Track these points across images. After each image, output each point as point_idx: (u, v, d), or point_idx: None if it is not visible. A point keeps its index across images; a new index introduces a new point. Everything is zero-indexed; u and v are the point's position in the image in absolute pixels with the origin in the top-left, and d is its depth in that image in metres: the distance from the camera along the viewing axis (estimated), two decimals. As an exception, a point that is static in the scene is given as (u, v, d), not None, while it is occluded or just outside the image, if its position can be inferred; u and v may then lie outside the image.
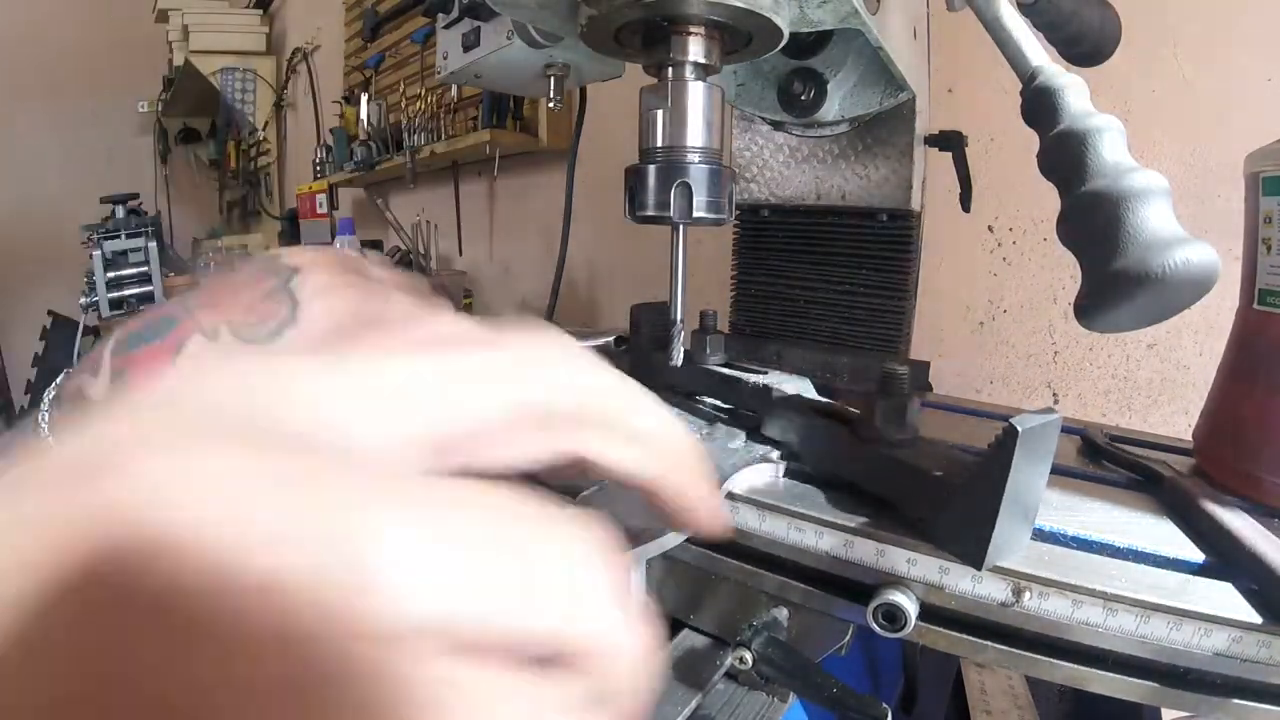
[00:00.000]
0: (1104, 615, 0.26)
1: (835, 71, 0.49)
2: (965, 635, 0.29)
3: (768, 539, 0.33)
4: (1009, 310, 0.83)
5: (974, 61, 0.80)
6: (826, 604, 0.32)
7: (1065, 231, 0.29)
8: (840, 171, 0.59)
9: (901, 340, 0.59)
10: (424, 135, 1.68)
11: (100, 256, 1.71)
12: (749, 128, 0.62)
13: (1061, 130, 0.29)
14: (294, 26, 2.67)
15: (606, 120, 0.95)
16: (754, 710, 0.35)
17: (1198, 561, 0.29)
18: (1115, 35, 0.47)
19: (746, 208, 0.65)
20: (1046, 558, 0.28)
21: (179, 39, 2.67)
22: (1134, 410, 0.75)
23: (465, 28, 0.61)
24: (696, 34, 0.33)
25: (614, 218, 0.46)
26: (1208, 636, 0.25)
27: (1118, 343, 0.75)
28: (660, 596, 0.39)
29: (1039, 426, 0.25)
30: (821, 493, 0.34)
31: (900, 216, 0.57)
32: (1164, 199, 0.26)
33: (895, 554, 0.30)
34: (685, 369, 0.49)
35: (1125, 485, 0.37)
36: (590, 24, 0.33)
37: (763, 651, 0.31)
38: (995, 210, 0.82)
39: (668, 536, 0.26)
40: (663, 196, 0.34)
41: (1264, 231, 0.34)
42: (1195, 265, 0.24)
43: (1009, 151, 0.80)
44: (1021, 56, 0.32)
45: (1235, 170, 0.36)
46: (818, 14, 0.34)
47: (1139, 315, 0.27)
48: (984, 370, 0.86)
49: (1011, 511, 0.27)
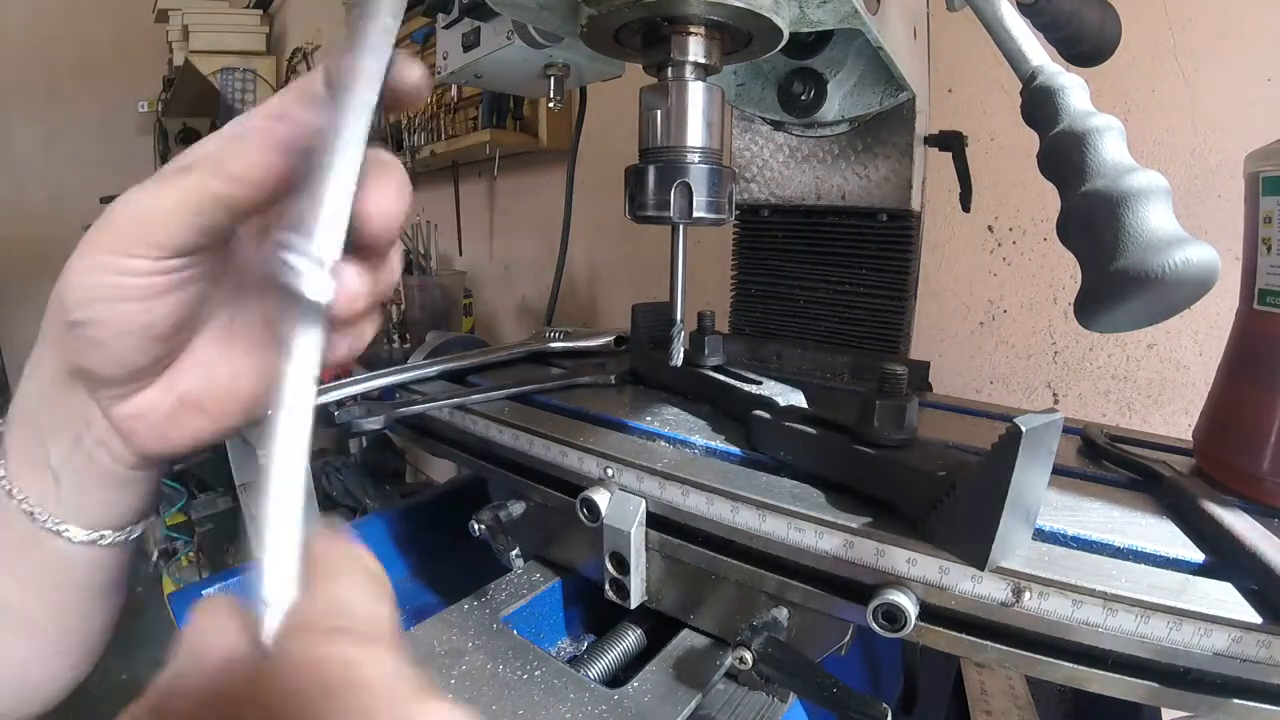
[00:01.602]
0: (1104, 615, 0.26)
1: (835, 71, 0.49)
2: (965, 635, 0.29)
3: (767, 539, 0.33)
4: (1009, 310, 0.83)
5: (974, 61, 0.80)
6: (826, 604, 0.32)
7: (1065, 231, 0.29)
8: (840, 171, 0.59)
9: (901, 340, 0.59)
10: (424, 135, 1.68)
11: (100, 257, 1.70)
12: (749, 128, 0.62)
13: (1061, 130, 0.29)
14: (294, 26, 2.67)
15: (606, 120, 0.95)
16: (754, 710, 0.35)
17: (1198, 561, 0.29)
18: (1115, 35, 0.47)
19: (746, 208, 0.65)
20: (1046, 558, 0.28)
21: (179, 39, 2.67)
22: (1134, 410, 0.75)
23: (465, 28, 0.62)
24: (696, 34, 0.33)
25: (614, 218, 0.46)
26: (1208, 636, 0.25)
27: (1118, 343, 0.75)
28: (660, 596, 0.39)
29: (1041, 427, 0.26)
30: (821, 493, 0.34)
31: (900, 216, 0.57)
32: (1164, 199, 0.26)
33: (895, 554, 0.30)
34: (682, 371, 0.49)
35: (1125, 485, 0.37)
36: (590, 24, 0.33)
37: (763, 651, 0.31)
38: (995, 210, 0.82)
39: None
40: (663, 196, 0.34)
41: (1264, 231, 0.34)
42: (1195, 265, 0.24)
43: (1009, 151, 0.80)
44: (1021, 56, 0.32)
45: (1235, 170, 0.36)
46: (818, 14, 0.34)
47: (1139, 315, 0.27)
48: (984, 370, 0.86)
49: (1014, 511, 0.27)
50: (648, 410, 0.47)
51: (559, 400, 0.50)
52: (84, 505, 0.27)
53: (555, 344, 0.67)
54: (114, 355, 0.24)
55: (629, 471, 0.38)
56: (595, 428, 0.44)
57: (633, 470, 0.38)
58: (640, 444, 0.41)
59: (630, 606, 0.39)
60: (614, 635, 0.41)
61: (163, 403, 0.26)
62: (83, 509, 0.27)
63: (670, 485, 0.36)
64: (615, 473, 0.39)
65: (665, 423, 0.44)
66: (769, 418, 0.39)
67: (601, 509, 0.38)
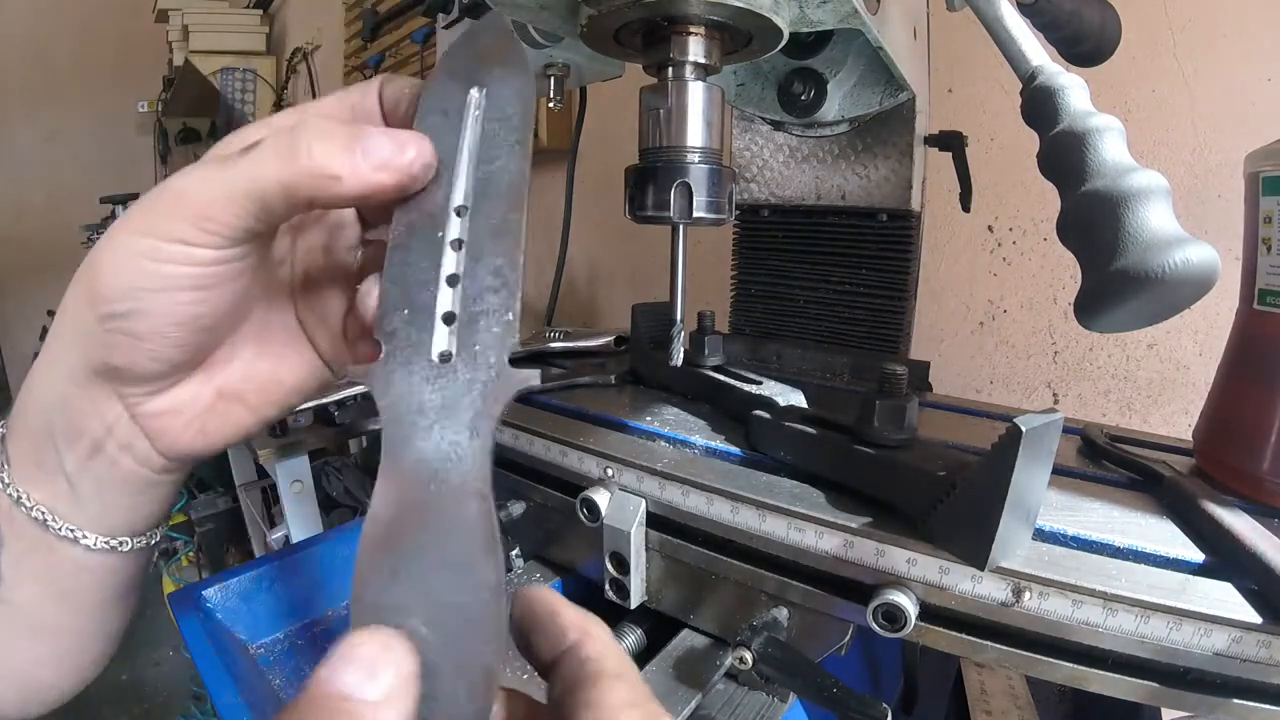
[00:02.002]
0: (1104, 615, 0.26)
1: (835, 71, 0.49)
2: (965, 635, 0.29)
3: (767, 539, 0.33)
4: (1009, 310, 0.83)
5: (974, 61, 0.80)
6: (826, 604, 0.32)
7: (1065, 231, 0.29)
8: (840, 171, 0.59)
9: (901, 340, 0.59)
10: (424, 135, 1.68)
11: (100, 256, 1.71)
12: (749, 128, 0.62)
13: (1061, 130, 0.29)
14: (294, 26, 2.67)
15: (606, 120, 0.95)
16: (754, 710, 0.35)
17: (1198, 561, 0.29)
18: (1115, 35, 0.47)
19: (746, 208, 0.65)
20: (1046, 558, 0.28)
21: (179, 39, 2.67)
22: (1134, 410, 0.75)
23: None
24: (696, 34, 0.33)
25: (614, 218, 0.46)
26: (1208, 636, 0.25)
27: (1118, 343, 0.75)
28: (660, 596, 0.39)
29: (1041, 426, 0.26)
30: (821, 493, 0.34)
31: (900, 216, 0.57)
32: (1164, 199, 0.26)
33: (895, 554, 0.30)
34: (683, 371, 0.49)
35: (1125, 485, 0.37)
36: (590, 24, 0.33)
37: (763, 651, 0.31)
38: (995, 210, 0.82)
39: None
40: (663, 196, 0.34)
41: (1264, 231, 0.34)
42: (1195, 265, 0.24)
43: (1009, 151, 0.80)
44: (1021, 56, 0.32)
45: (1235, 170, 0.36)
46: (818, 14, 0.34)
47: (1139, 315, 0.27)
48: (984, 370, 0.86)
49: (1014, 511, 0.27)
50: (648, 410, 0.47)
51: (559, 400, 0.50)
52: (103, 512, 0.26)
53: (555, 344, 0.67)
54: (154, 350, 0.23)
55: (629, 471, 0.38)
56: (595, 428, 0.44)
57: (633, 470, 0.38)
58: (640, 444, 0.41)
59: (630, 606, 0.39)
60: (614, 635, 0.41)
61: (200, 397, 0.26)
62: (102, 516, 0.26)
63: (670, 485, 0.36)
64: (615, 473, 0.39)
65: (665, 423, 0.44)
66: (769, 418, 0.39)
67: (601, 509, 0.38)
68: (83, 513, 0.26)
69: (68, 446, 0.25)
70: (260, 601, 0.45)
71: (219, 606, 0.44)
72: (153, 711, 1.39)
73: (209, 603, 0.44)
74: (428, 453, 0.19)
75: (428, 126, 0.23)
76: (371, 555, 0.18)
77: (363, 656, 0.16)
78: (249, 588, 0.45)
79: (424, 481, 0.19)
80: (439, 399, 0.20)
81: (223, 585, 0.44)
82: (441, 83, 0.24)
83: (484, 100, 0.23)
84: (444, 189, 0.22)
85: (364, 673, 0.16)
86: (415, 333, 0.21)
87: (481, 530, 0.18)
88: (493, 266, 0.21)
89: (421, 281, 0.21)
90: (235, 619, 0.44)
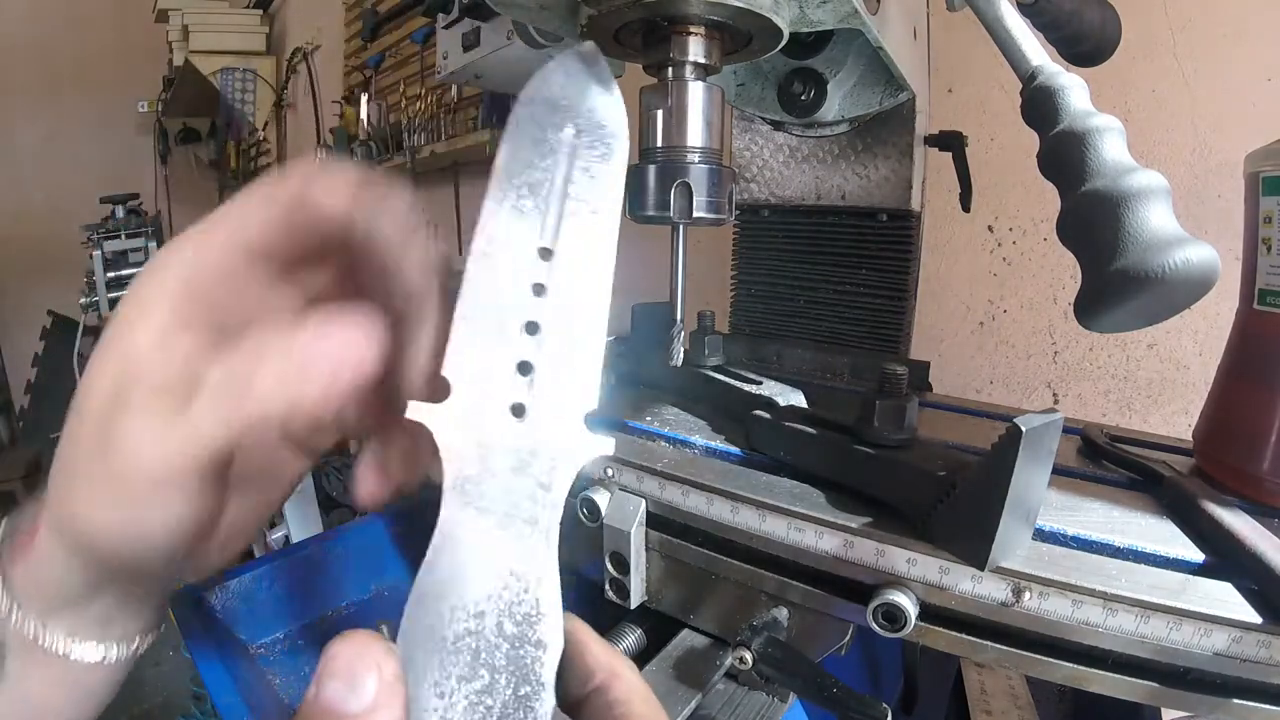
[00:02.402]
0: (1104, 615, 0.26)
1: (835, 71, 0.48)
2: (965, 635, 0.29)
3: (767, 539, 0.33)
4: (1009, 310, 0.83)
5: (974, 61, 0.80)
6: (826, 604, 0.32)
7: (1065, 231, 0.29)
8: (840, 171, 0.59)
9: (901, 340, 0.59)
10: (424, 135, 1.68)
11: (100, 256, 1.70)
12: (749, 128, 0.62)
13: (1061, 130, 0.29)
14: (294, 26, 2.67)
15: (606, 120, 0.94)
16: (754, 710, 0.35)
17: (1198, 561, 0.29)
18: (1115, 35, 0.47)
19: (746, 208, 0.65)
20: (1046, 558, 0.28)
21: (179, 39, 2.67)
22: (1134, 410, 0.75)
23: (465, 28, 0.61)
24: (696, 34, 0.33)
25: (614, 218, 0.46)
26: (1208, 636, 0.25)
27: (1118, 343, 0.75)
28: (660, 596, 0.39)
29: (1041, 427, 0.26)
30: (821, 493, 0.34)
31: (900, 216, 0.57)
32: (1164, 199, 0.26)
33: (895, 554, 0.30)
34: (682, 371, 0.49)
35: (1125, 485, 0.37)
36: (590, 24, 0.33)
37: (763, 651, 0.31)
38: (995, 210, 0.82)
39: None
40: (663, 196, 0.34)
41: (1264, 231, 0.34)
42: (1195, 265, 0.24)
43: (1009, 151, 0.80)
44: (1021, 56, 0.32)
45: (1235, 170, 0.36)
46: (818, 14, 0.34)
47: (1139, 315, 0.27)
48: (984, 370, 0.86)
49: (1014, 511, 0.27)
50: (648, 410, 0.47)
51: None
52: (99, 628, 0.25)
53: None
54: (153, 565, 0.22)
55: (629, 471, 0.38)
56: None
57: (633, 470, 0.38)
58: (640, 444, 0.41)
59: (630, 607, 0.39)
60: (614, 635, 0.41)
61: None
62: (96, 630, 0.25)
63: (670, 485, 0.36)
64: (615, 473, 0.39)
65: (665, 423, 0.44)
66: (769, 418, 0.39)
67: (601, 509, 0.38)
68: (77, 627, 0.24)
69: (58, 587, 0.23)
70: (260, 601, 0.45)
71: (219, 606, 0.44)
72: (153, 711, 1.38)
73: (209, 603, 0.44)
74: (493, 531, 0.18)
75: (515, 159, 0.21)
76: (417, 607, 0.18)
77: (340, 668, 0.16)
78: (249, 588, 0.45)
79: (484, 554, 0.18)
80: (511, 460, 0.19)
81: (223, 585, 0.44)
82: (530, 115, 0.22)
83: (576, 138, 0.21)
84: (529, 227, 0.21)
85: (346, 684, 0.16)
86: (486, 379, 0.19)
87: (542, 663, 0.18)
88: (577, 318, 0.20)
89: (498, 324, 0.20)
90: (235, 619, 0.44)
